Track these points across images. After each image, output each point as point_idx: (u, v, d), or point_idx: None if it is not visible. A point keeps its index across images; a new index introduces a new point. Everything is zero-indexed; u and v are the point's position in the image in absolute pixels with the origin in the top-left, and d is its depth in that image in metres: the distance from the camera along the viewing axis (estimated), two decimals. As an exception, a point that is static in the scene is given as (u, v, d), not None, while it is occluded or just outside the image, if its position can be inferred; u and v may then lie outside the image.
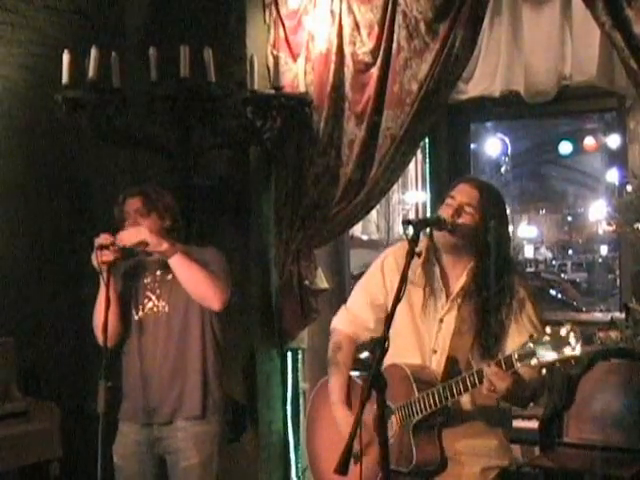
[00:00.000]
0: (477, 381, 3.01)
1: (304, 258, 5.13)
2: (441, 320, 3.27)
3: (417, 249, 3.04)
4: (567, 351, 2.79)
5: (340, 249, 5.95)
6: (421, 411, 3.14)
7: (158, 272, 3.97)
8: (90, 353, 4.83)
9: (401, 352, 3.19)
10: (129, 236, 3.80)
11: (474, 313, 3.22)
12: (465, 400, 3.23)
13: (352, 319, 3.52)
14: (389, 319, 2.89)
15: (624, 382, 4.31)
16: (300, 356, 5.39)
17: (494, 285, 3.21)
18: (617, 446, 4.14)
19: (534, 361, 2.85)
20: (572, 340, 2.79)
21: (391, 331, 2.93)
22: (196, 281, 3.83)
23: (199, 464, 3.90)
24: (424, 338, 3.29)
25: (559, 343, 2.81)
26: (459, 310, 3.25)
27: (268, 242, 5.27)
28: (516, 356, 2.90)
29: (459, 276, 3.27)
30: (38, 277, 5.16)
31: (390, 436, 3.16)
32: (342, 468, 2.71)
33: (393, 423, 3.21)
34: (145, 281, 3.99)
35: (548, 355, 2.82)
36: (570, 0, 4.86)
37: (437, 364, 3.25)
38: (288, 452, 5.36)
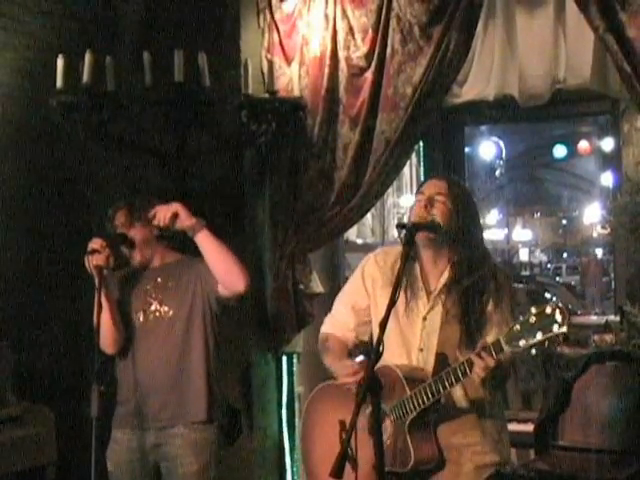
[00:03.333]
0: (468, 370, 3.03)
1: (299, 262, 5.14)
2: (424, 318, 3.28)
3: (412, 254, 3.05)
4: (555, 329, 2.81)
5: (335, 253, 5.95)
6: (415, 408, 3.15)
7: (159, 279, 3.98)
8: (85, 357, 4.84)
9: (387, 353, 3.12)
10: (163, 213, 3.82)
11: (458, 307, 3.24)
12: (459, 395, 3.24)
13: (335, 322, 3.55)
14: (384, 323, 2.90)
15: (619, 385, 4.31)
16: (295, 360, 5.38)
17: (475, 275, 3.23)
18: (612, 449, 4.14)
19: (522, 342, 2.87)
20: (558, 317, 2.81)
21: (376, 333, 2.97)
22: (224, 257, 3.83)
23: (197, 471, 3.86)
24: (408, 337, 3.31)
25: (546, 322, 2.82)
26: (443, 306, 3.27)
27: (263, 246, 5.27)
28: (504, 340, 2.92)
29: (441, 272, 3.29)
30: (33, 281, 5.16)
31: (385, 438, 3.16)
32: (337, 472, 2.71)
33: (387, 425, 3.21)
34: (146, 287, 3.99)
35: (537, 335, 2.84)
36: (564, 4, 4.86)
37: (424, 362, 3.26)
38: (283, 456, 5.36)
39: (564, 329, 2.80)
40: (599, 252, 26.91)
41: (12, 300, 5.02)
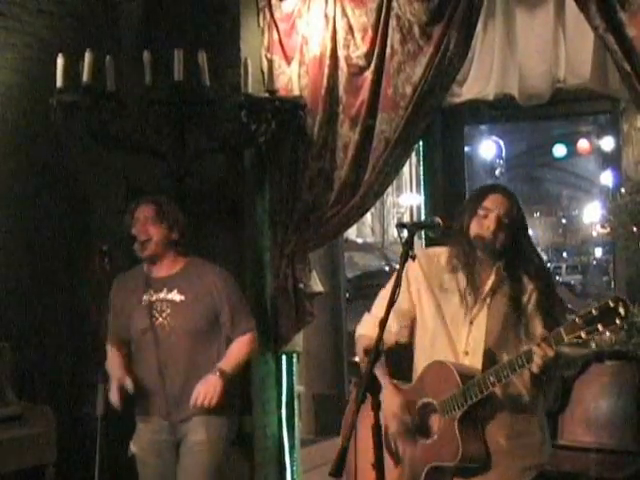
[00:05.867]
0: (525, 362, 3.06)
1: (299, 261, 5.14)
2: (471, 322, 3.32)
3: (411, 253, 3.06)
4: (617, 321, 2.88)
5: (335, 252, 5.95)
6: (466, 401, 3.16)
7: (165, 290, 4.01)
8: (85, 357, 4.84)
9: (434, 356, 3.29)
10: (209, 396, 3.89)
11: (504, 309, 3.29)
12: (497, 392, 3.24)
13: (376, 324, 3.54)
14: (384, 322, 2.93)
15: (618, 384, 4.32)
16: (295, 359, 5.38)
17: (519, 279, 3.30)
18: (611, 448, 4.15)
19: (582, 334, 2.93)
20: (621, 310, 2.88)
21: (426, 338, 3.29)
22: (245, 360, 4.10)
23: (207, 441, 3.93)
24: (455, 341, 3.34)
25: (608, 315, 2.89)
26: (489, 309, 3.31)
27: (263, 245, 5.27)
28: (564, 331, 2.97)
29: (488, 276, 3.33)
30: (34, 281, 5.15)
31: (434, 432, 3.23)
32: (336, 471, 2.71)
33: (435, 420, 3.25)
34: (152, 299, 4.01)
35: (598, 327, 2.91)
36: (564, 3, 4.87)
37: (470, 364, 3.29)
38: (283, 455, 5.36)
39: (626, 322, 2.90)
40: (598, 251, 26.90)
41: (13, 301, 5.02)
